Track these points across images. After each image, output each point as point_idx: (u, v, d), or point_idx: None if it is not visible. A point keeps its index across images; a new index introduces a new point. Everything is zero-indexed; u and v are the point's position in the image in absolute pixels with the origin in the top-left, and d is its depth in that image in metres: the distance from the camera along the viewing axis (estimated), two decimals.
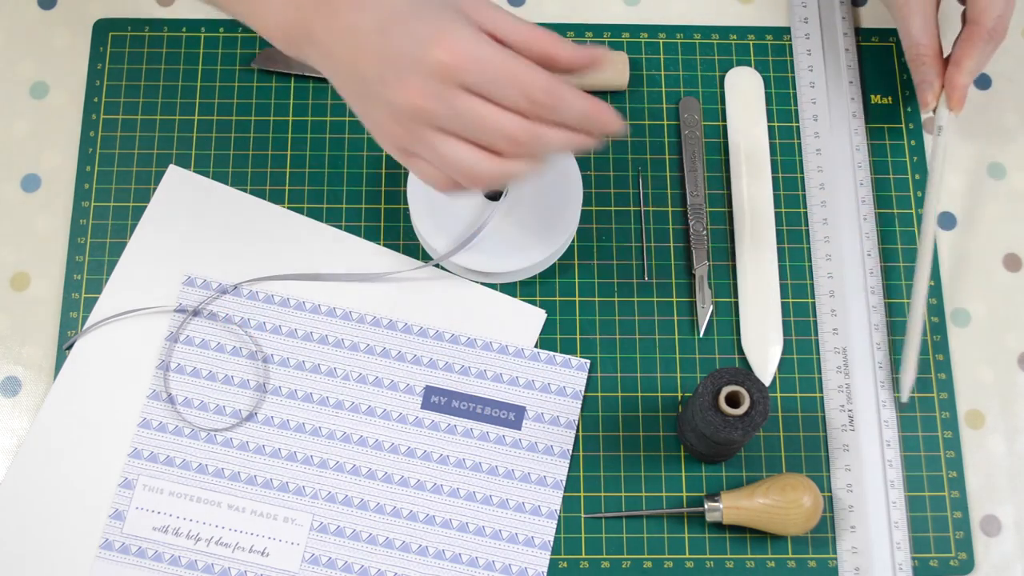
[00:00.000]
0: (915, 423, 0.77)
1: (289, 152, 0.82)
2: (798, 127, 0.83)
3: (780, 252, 0.80)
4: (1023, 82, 0.85)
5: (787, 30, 0.86)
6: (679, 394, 0.77)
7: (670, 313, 0.79)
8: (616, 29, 0.85)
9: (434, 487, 0.74)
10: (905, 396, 0.76)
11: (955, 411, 0.77)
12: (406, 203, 0.81)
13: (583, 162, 0.82)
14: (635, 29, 0.85)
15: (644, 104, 0.83)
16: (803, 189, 0.82)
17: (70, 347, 0.76)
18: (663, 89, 0.84)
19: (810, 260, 0.80)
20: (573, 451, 0.76)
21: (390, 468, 0.74)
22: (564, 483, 0.75)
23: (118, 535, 0.72)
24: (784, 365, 0.78)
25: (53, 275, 0.79)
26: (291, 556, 0.72)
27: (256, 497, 0.73)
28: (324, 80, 0.83)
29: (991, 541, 0.75)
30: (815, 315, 0.79)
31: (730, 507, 0.72)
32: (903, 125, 0.84)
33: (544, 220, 0.77)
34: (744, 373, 0.69)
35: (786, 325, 0.79)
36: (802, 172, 0.82)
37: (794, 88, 0.84)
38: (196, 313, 0.77)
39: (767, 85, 0.84)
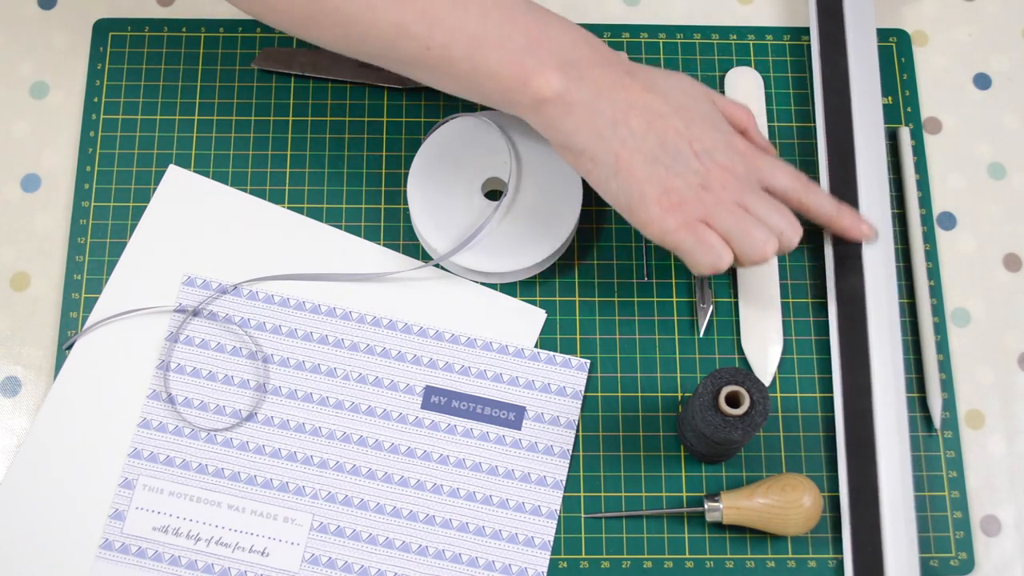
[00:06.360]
0: (915, 423, 0.77)
1: (289, 152, 0.82)
2: (798, 127, 0.83)
3: None
4: (1023, 82, 0.85)
5: (787, 30, 0.86)
6: (679, 394, 0.77)
7: (670, 313, 0.79)
8: (616, 29, 0.85)
9: (434, 487, 0.74)
10: (937, 422, 0.76)
11: (955, 411, 0.77)
12: (406, 203, 0.81)
13: None
14: (635, 29, 0.85)
15: None
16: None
17: (70, 347, 0.76)
18: None
19: (810, 260, 0.80)
20: (573, 451, 0.75)
21: (390, 468, 0.74)
22: (564, 483, 0.75)
23: (118, 535, 0.72)
24: (784, 365, 0.78)
25: (53, 275, 0.79)
26: (291, 556, 0.72)
27: (256, 497, 0.73)
28: (324, 80, 0.83)
29: (991, 541, 0.75)
30: (815, 315, 0.79)
31: (730, 507, 0.72)
32: (903, 125, 0.83)
33: (544, 220, 0.77)
34: (744, 373, 0.69)
35: (786, 325, 0.79)
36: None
37: (794, 87, 0.84)
38: (196, 313, 0.77)
39: (767, 85, 0.84)
